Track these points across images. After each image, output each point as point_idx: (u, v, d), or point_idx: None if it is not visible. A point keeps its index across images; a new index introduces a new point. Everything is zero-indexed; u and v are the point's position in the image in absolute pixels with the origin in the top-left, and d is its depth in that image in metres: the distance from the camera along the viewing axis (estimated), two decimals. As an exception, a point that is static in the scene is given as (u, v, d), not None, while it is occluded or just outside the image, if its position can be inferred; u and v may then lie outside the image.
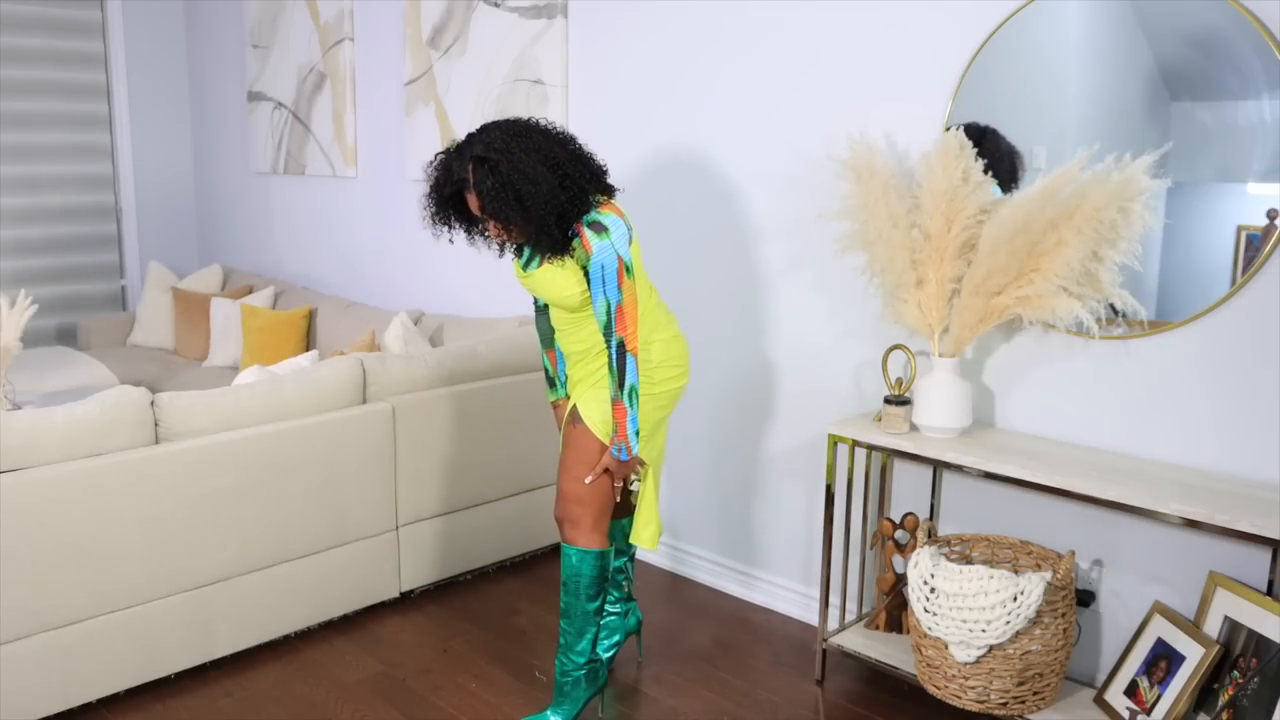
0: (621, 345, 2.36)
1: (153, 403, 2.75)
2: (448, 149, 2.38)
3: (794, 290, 3.15)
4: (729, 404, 3.38)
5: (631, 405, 2.38)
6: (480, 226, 2.45)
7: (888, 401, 2.67)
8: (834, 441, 2.74)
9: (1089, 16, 2.49)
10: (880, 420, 2.71)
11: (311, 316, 4.66)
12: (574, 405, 2.51)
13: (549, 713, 2.57)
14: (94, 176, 5.65)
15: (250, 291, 5.19)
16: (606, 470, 2.47)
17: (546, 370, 2.72)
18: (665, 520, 3.64)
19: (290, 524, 2.98)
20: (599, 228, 2.31)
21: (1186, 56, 2.38)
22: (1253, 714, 2.16)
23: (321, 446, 3.01)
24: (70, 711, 2.66)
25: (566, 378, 2.65)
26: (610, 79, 3.58)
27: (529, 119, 2.38)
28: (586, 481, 2.47)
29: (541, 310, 2.69)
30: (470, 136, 2.34)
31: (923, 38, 2.76)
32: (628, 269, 2.35)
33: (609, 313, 2.35)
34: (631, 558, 2.88)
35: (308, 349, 4.62)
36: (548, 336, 2.68)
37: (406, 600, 3.34)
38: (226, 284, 5.47)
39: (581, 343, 2.50)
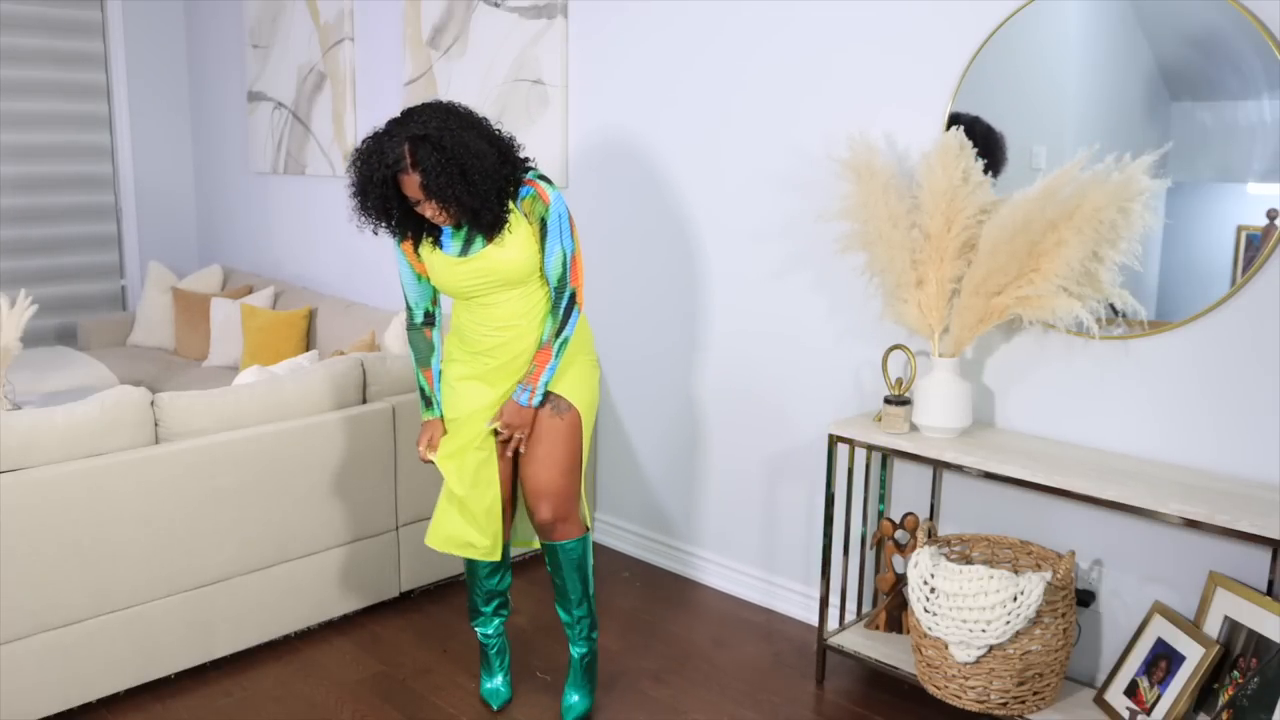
0: (573, 296, 2.42)
1: (153, 403, 2.75)
2: (373, 134, 2.29)
3: (794, 290, 3.15)
4: (729, 404, 3.38)
5: (557, 356, 2.42)
6: (396, 221, 2.35)
7: (888, 401, 2.67)
8: (834, 441, 2.74)
9: (1089, 16, 2.49)
10: (880, 420, 2.71)
11: (311, 316, 4.66)
12: (549, 395, 2.46)
13: (583, 698, 2.65)
14: (94, 176, 5.65)
15: (250, 291, 5.19)
16: (498, 429, 2.46)
17: (423, 390, 2.57)
18: (665, 518, 3.64)
19: (290, 524, 2.98)
20: (546, 180, 2.39)
21: (1186, 56, 2.38)
22: (1253, 714, 2.15)
23: (321, 446, 3.01)
24: (70, 711, 2.66)
25: (441, 398, 2.56)
26: (610, 79, 3.58)
27: (447, 101, 2.36)
28: (487, 425, 2.46)
29: (419, 326, 2.55)
30: (397, 120, 2.28)
31: (923, 38, 2.76)
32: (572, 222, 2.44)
33: (564, 264, 2.39)
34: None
35: (308, 349, 4.62)
36: (425, 356, 2.56)
37: (406, 600, 3.34)
38: (226, 284, 5.47)
39: (519, 320, 2.44)
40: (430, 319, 2.57)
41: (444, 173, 2.21)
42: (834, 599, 2.99)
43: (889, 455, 2.93)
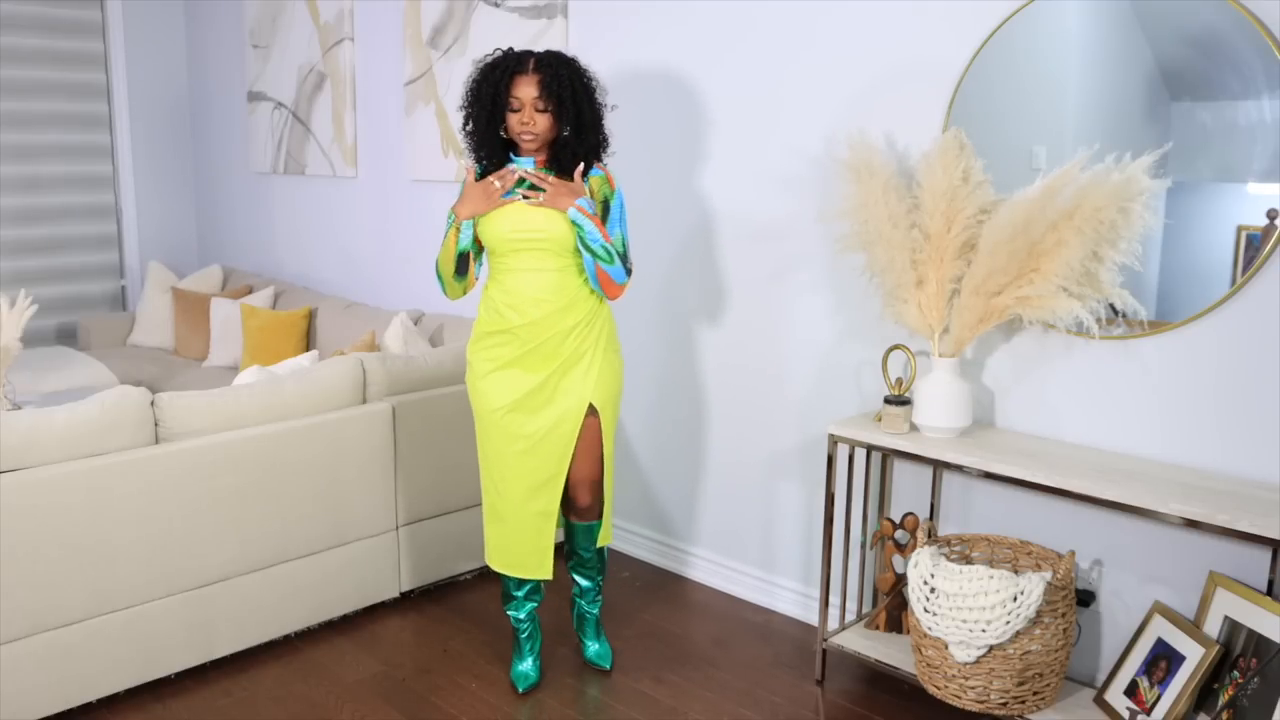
0: (625, 259, 2.61)
1: (153, 403, 2.75)
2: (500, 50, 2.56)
3: (794, 290, 3.15)
4: (729, 403, 3.38)
5: (594, 219, 2.52)
6: (487, 129, 2.54)
7: (888, 401, 2.67)
8: (834, 441, 2.75)
9: (1089, 16, 2.49)
10: (880, 420, 2.71)
11: (311, 316, 4.66)
12: (589, 404, 2.64)
13: (605, 643, 2.96)
14: (94, 176, 5.65)
15: (250, 291, 5.19)
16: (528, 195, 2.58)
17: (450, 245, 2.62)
18: (665, 518, 3.64)
19: (290, 524, 2.98)
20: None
21: (1186, 56, 2.38)
22: (1253, 714, 2.16)
23: (321, 446, 3.01)
24: (70, 711, 2.66)
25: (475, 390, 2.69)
26: (609, 79, 3.57)
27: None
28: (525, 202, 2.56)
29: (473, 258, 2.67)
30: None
31: (923, 37, 2.76)
32: None
33: (623, 245, 2.62)
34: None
35: (308, 349, 4.62)
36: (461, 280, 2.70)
37: (406, 600, 3.34)
38: (226, 284, 5.47)
39: (555, 296, 2.58)
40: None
41: (564, 82, 2.47)
42: (834, 599, 2.99)
43: (889, 455, 2.93)
